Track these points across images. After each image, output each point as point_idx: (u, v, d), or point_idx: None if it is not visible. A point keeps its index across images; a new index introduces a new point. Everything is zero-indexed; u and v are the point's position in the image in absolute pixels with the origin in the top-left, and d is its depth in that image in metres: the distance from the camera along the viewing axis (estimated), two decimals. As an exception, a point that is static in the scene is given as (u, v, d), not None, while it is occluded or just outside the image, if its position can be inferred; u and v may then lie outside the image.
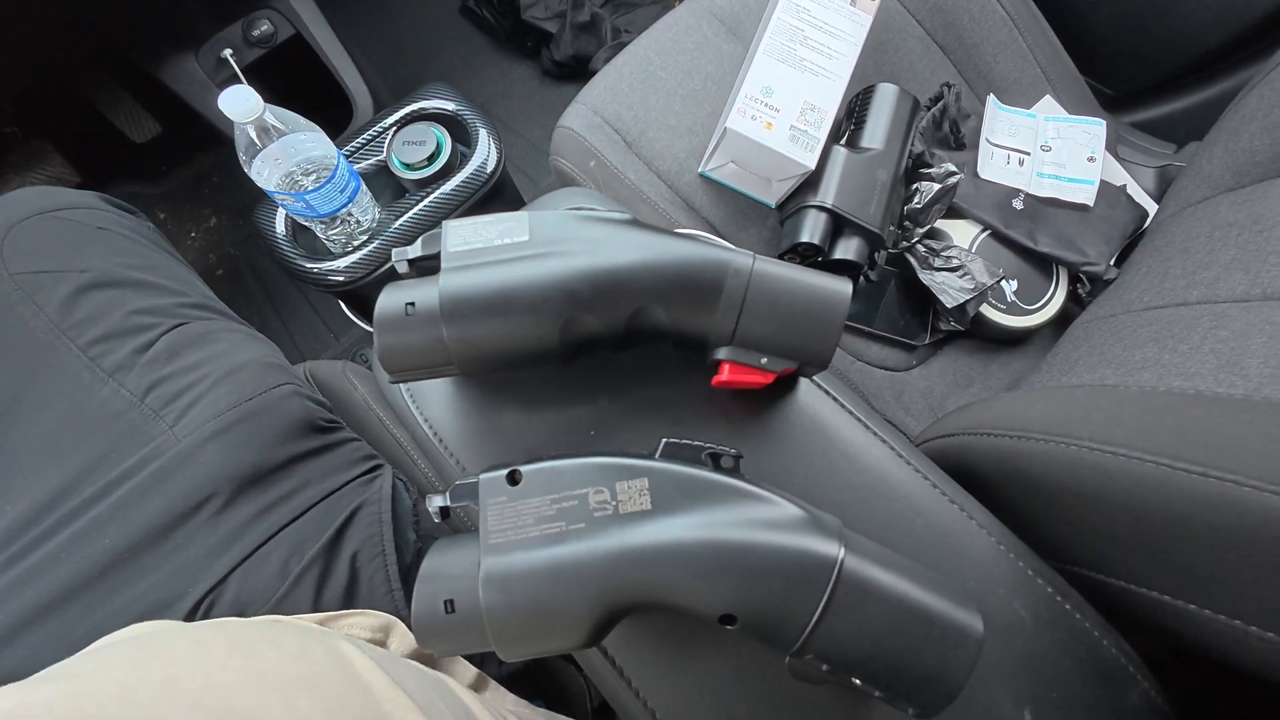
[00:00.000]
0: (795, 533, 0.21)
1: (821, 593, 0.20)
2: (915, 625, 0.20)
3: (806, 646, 0.20)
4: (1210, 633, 0.25)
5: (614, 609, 0.21)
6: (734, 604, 0.21)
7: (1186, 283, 0.48)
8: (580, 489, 0.22)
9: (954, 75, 0.65)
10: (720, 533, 0.21)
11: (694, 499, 0.21)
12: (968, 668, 0.20)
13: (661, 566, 0.20)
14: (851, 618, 0.20)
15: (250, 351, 0.44)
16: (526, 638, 0.21)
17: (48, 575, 0.34)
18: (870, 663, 0.20)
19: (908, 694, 0.21)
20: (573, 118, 0.59)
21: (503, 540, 0.21)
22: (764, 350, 0.27)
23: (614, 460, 0.22)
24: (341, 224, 0.58)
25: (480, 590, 0.21)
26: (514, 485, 0.22)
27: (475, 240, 0.27)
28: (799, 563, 0.20)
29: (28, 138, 0.89)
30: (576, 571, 0.21)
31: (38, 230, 0.43)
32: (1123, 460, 0.25)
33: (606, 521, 0.21)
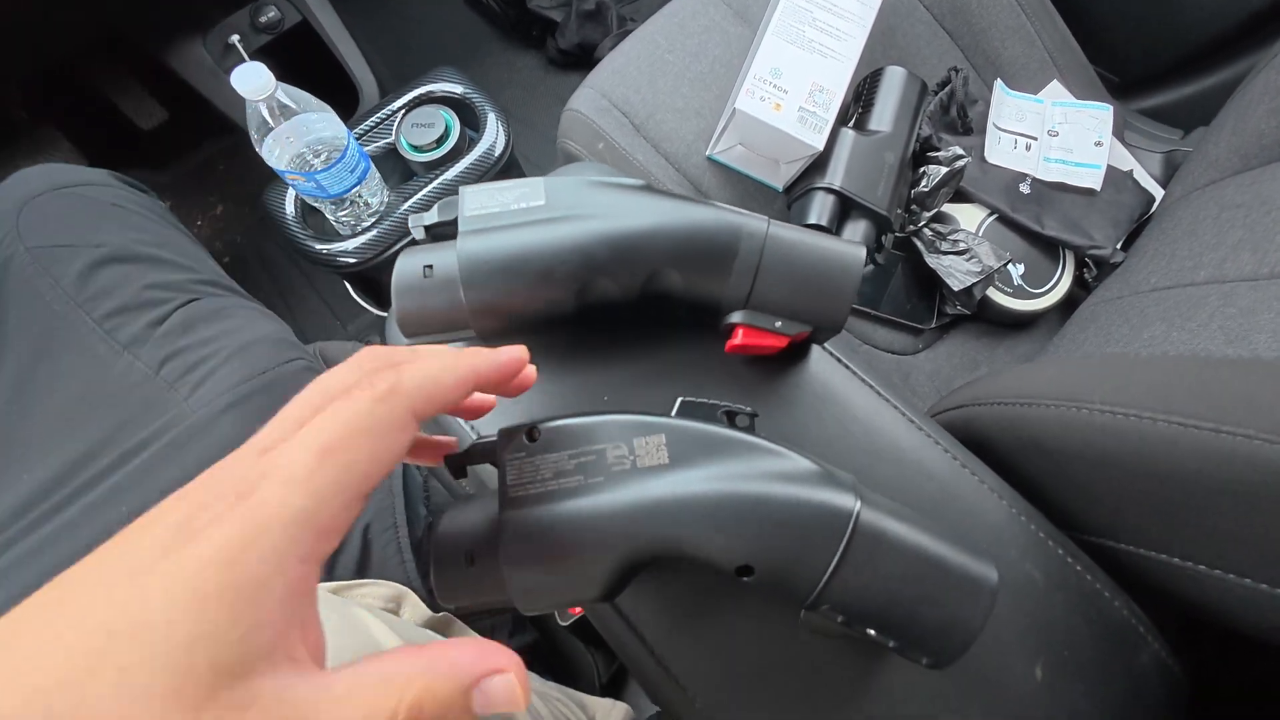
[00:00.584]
0: (812, 485, 0.21)
1: (838, 543, 0.20)
2: (931, 575, 0.20)
3: (822, 597, 0.21)
4: (1219, 593, 0.25)
5: (632, 560, 0.21)
6: (751, 555, 0.21)
7: (1194, 264, 0.48)
8: (598, 445, 0.22)
9: (961, 60, 0.65)
10: (738, 485, 0.21)
11: (711, 454, 0.22)
12: (983, 617, 0.20)
13: (680, 518, 0.21)
14: (867, 568, 0.20)
15: (263, 327, 0.44)
16: (545, 590, 0.21)
17: (67, 540, 0.35)
18: (886, 613, 0.21)
19: (922, 644, 0.21)
20: (581, 100, 0.59)
21: (521, 494, 0.22)
22: (778, 314, 0.27)
23: (632, 417, 0.23)
24: (351, 205, 0.59)
25: (501, 542, 0.21)
26: (532, 441, 0.23)
27: (492, 205, 0.28)
28: (816, 514, 0.21)
29: (36, 123, 0.89)
30: (595, 523, 0.21)
31: (53, 205, 0.43)
32: (1134, 421, 0.25)
33: (625, 475, 0.21)
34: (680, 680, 0.25)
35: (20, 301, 0.40)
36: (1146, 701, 0.26)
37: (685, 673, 0.25)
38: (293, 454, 0.15)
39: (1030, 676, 0.25)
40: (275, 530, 0.14)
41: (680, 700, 0.25)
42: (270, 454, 0.15)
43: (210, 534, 0.13)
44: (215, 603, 0.13)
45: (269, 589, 0.13)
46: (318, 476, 0.15)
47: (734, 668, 0.25)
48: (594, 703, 0.42)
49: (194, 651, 0.13)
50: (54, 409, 0.39)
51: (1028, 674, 0.25)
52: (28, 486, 0.37)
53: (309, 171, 0.53)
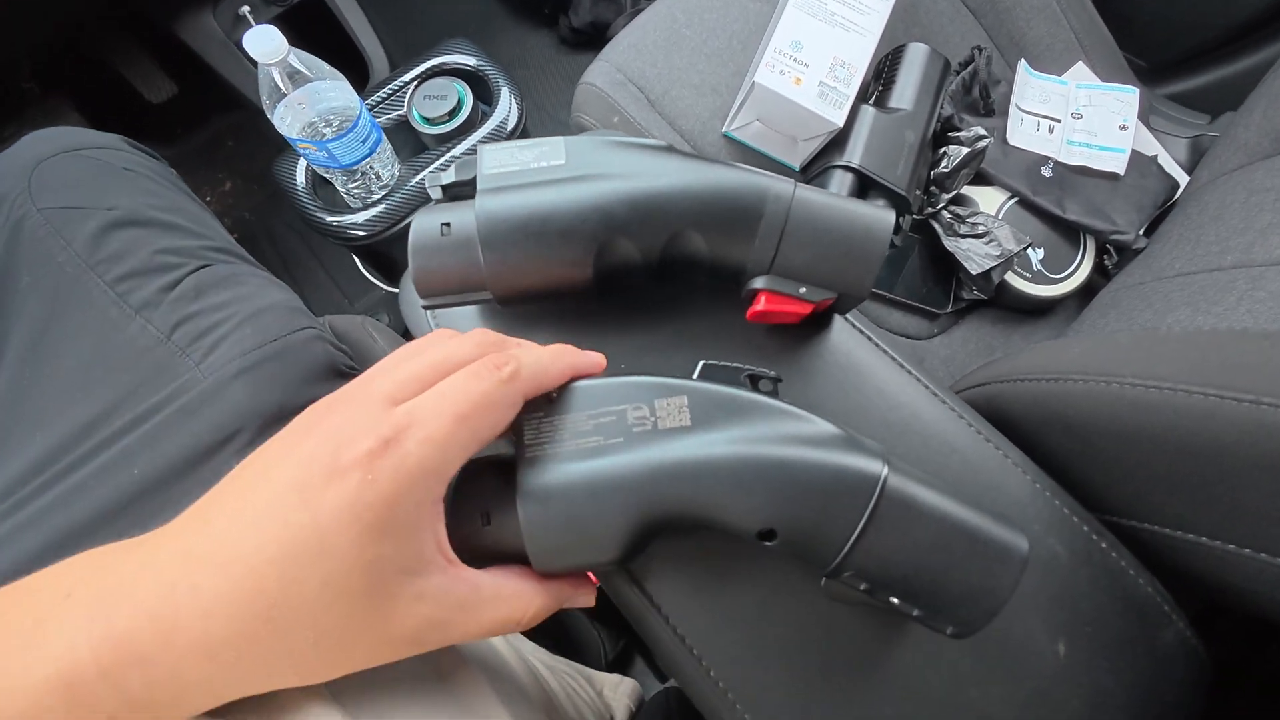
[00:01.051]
0: (838, 450, 0.21)
1: (864, 508, 0.20)
2: (958, 541, 0.20)
3: (846, 563, 0.20)
4: (1249, 573, 0.25)
5: (651, 523, 0.21)
6: (774, 518, 0.20)
7: (1221, 248, 0.47)
8: (618, 405, 0.22)
9: (984, 39, 0.63)
10: (761, 448, 0.20)
11: (734, 416, 0.21)
12: (1011, 584, 0.20)
13: (701, 480, 0.20)
14: (893, 533, 0.20)
15: (274, 295, 0.44)
16: (562, 550, 0.21)
17: (79, 502, 0.35)
18: (911, 579, 0.20)
19: (947, 612, 0.20)
20: (596, 74, 0.59)
21: (539, 454, 0.21)
22: (803, 279, 0.26)
23: (653, 379, 0.22)
24: (361, 177, 0.58)
25: (518, 501, 0.20)
26: (551, 402, 0.22)
27: (511, 164, 0.27)
28: (841, 477, 0.20)
29: (45, 94, 0.89)
30: (614, 484, 0.20)
31: (65, 166, 0.43)
32: (1168, 394, 0.24)
33: (645, 436, 0.21)
34: (695, 650, 0.25)
35: (33, 262, 0.40)
36: (1170, 679, 0.26)
37: (700, 643, 0.25)
38: (432, 417, 0.17)
39: (1053, 652, 0.25)
40: (421, 482, 0.17)
41: (694, 669, 0.25)
42: (404, 407, 0.18)
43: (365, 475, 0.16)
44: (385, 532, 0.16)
45: (420, 522, 0.17)
46: (453, 440, 0.18)
47: (750, 640, 0.25)
48: (601, 677, 0.42)
49: (380, 564, 0.16)
50: (67, 370, 0.38)
51: (1050, 650, 0.25)
52: (41, 447, 0.37)
53: (320, 140, 0.52)
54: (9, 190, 0.41)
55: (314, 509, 0.16)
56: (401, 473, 0.16)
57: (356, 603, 0.16)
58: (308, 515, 0.16)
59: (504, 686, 0.27)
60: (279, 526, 0.16)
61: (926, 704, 0.24)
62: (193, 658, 0.15)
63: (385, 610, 0.17)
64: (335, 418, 0.17)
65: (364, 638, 0.17)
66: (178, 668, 0.15)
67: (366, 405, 0.17)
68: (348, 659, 0.17)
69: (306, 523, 0.16)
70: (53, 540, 0.34)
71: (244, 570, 0.16)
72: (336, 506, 0.16)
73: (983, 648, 0.25)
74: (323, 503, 0.16)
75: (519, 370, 0.19)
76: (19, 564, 0.33)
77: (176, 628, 0.15)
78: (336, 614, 0.16)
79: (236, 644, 0.16)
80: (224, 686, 0.16)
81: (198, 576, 0.16)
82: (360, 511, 0.16)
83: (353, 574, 0.16)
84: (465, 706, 0.23)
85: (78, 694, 0.15)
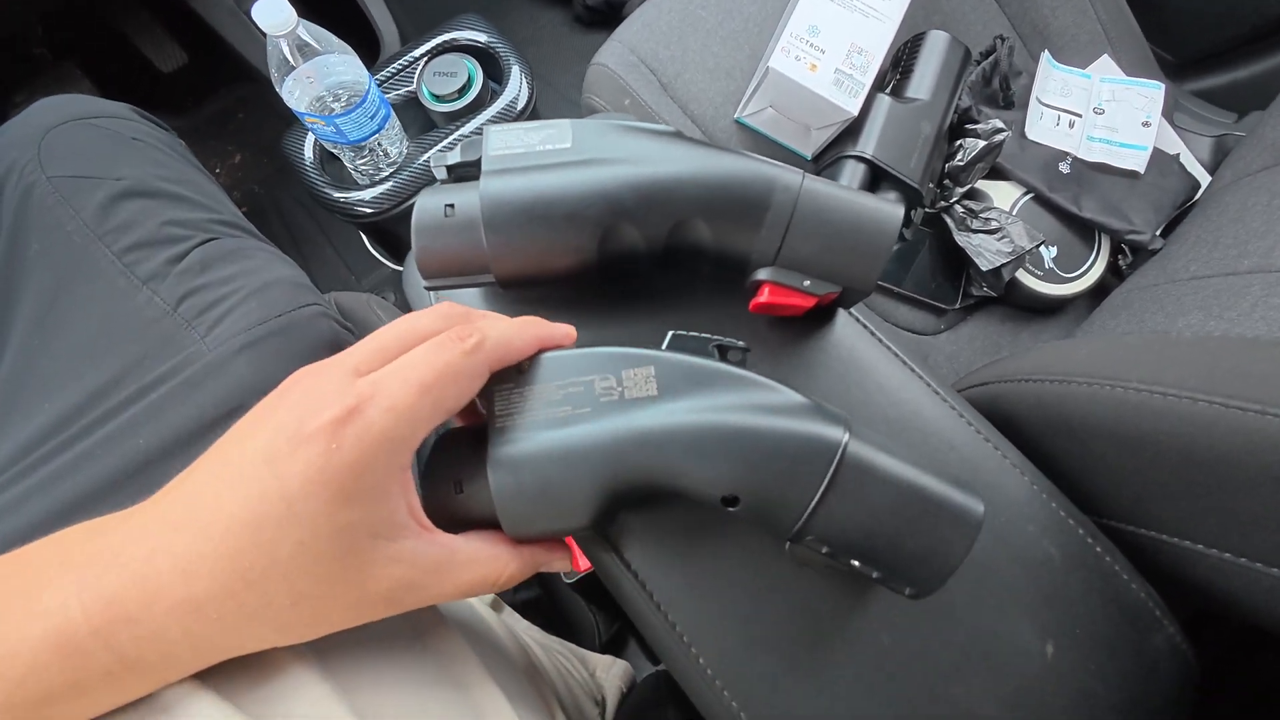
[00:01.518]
0: (801, 417, 0.21)
1: (824, 473, 0.20)
2: (915, 505, 0.20)
3: (808, 528, 0.21)
4: (1244, 583, 0.25)
5: (618, 490, 0.21)
6: (736, 484, 0.21)
7: (1238, 252, 0.46)
8: (587, 376, 0.22)
9: (1007, 29, 0.62)
10: (725, 416, 0.21)
11: (700, 386, 0.21)
12: (965, 546, 0.20)
13: (665, 448, 0.21)
14: (852, 498, 0.20)
15: (280, 270, 0.44)
16: (532, 517, 0.21)
17: (85, 470, 0.35)
18: (869, 542, 0.20)
19: (905, 573, 0.21)
20: (608, 55, 0.58)
21: (509, 424, 0.21)
22: (807, 272, 0.26)
23: (620, 350, 0.22)
24: (370, 154, 0.58)
25: (489, 469, 0.21)
26: (521, 373, 0.22)
27: (517, 145, 0.27)
28: (803, 444, 0.20)
29: (56, 60, 0.89)
30: (582, 453, 0.21)
31: (74, 135, 0.43)
32: (1172, 400, 0.24)
33: (612, 406, 0.21)
34: (669, 616, 0.25)
35: (42, 230, 0.40)
36: (1157, 683, 0.26)
37: (682, 619, 0.25)
38: (395, 386, 0.18)
39: (1041, 652, 0.25)
40: (385, 449, 0.17)
41: (669, 634, 0.25)
42: (369, 378, 0.18)
43: (329, 443, 0.17)
44: (353, 498, 0.17)
45: (388, 489, 0.18)
46: (416, 409, 0.18)
47: (735, 626, 0.25)
48: (594, 658, 0.43)
49: (351, 528, 0.17)
50: (75, 339, 0.39)
51: (1038, 650, 0.25)
52: (49, 414, 0.37)
53: (329, 115, 0.52)
54: (19, 157, 0.41)
55: (282, 476, 0.16)
56: (365, 440, 0.17)
57: (331, 565, 0.17)
58: (276, 482, 0.16)
59: (488, 653, 0.27)
60: (250, 492, 0.16)
61: (911, 698, 0.24)
62: (176, 617, 0.16)
63: (360, 572, 0.17)
64: (304, 388, 0.18)
65: (340, 599, 0.18)
66: (163, 626, 0.16)
67: (333, 376, 0.18)
68: (326, 619, 0.18)
69: (275, 489, 0.16)
70: (58, 508, 0.34)
71: (220, 533, 0.16)
72: (303, 473, 0.16)
73: (970, 645, 0.25)
74: (290, 469, 0.16)
75: (483, 341, 0.20)
76: (25, 530, 0.34)
77: (160, 588, 0.16)
78: (312, 576, 0.17)
79: (217, 603, 0.16)
80: (209, 646, 0.17)
81: (178, 540, 0.16)
82: (327, 478, 0.16)
83: (324, 538, 0.17)
84: (445, 668, 0.24)
85: (72, 653, 0.16)
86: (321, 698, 0.20)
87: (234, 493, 0.16)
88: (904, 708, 0.24)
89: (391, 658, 0.23)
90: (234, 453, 0.17)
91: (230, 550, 0.16)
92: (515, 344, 0.21)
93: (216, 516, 0.16)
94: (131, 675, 0.17)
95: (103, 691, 0.17)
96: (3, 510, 0.34)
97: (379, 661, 0.22)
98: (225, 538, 0.16)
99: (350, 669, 0.21)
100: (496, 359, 0.21)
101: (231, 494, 0.16)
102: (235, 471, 0.17)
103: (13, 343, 0.40)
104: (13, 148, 0.42)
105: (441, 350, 0.19)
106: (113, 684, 0.17)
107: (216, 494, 0.17)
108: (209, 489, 0.17)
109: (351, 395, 0.17)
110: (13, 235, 0.41)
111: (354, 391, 0.17)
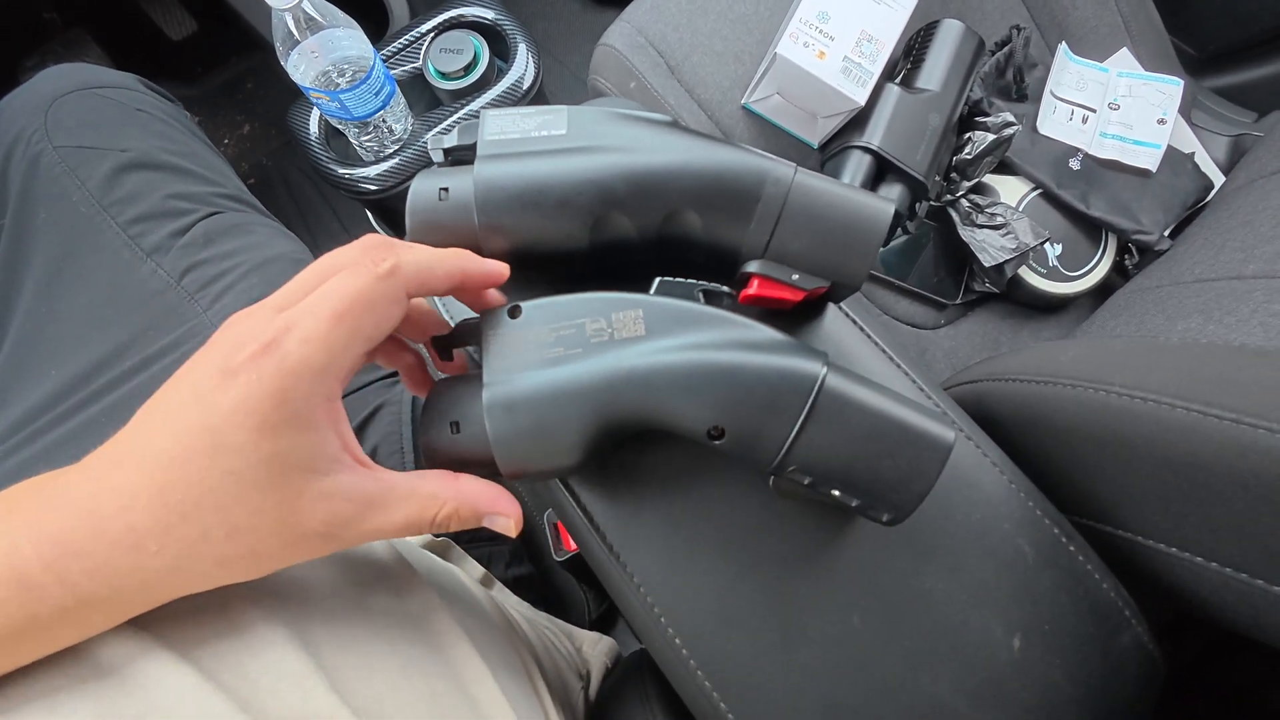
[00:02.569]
0: (782, 353, 0.22)
1: (804, 404, 0.21)
2: (890, 433, 0.21)
3: (790, 458, 0.21)
4: (1214, 587, 0.25)
5: (609, 427, 0.22)
6: (721, 416, 0.21)
7: (1244, 256, 0.46)
8: (578, 319, 0.23)
9: (1025, 18, 0.60)
10: (710, 353, 0.22)
11: (686, 325, 0.22)
12: (937, 469, 0.21)
13: (654, 383, 0.21)
14: (832, 427, 0.21)
15: (282, 245, 0.44)
16: (526, 455, 0.22)
17: (91, 437, 0.36)
18: (848, 470, 0.21)
19: (882, 498, 0.22)
20: (616, 35, 0.57)
21: (503, 365, 0.22)
22: (797, 266, 0.26)
23: (611, 294, 0.23)
24: (374, 130, 0.58)
25: (484, 409, 0.22)
26: (514, 319, 0.23)
27: (512, 131, 0.27)
28: (784, 377, 0.21)
29: (66, 26, 0.88)
30: (574, 391, 0.22)
31: (80, 105, 0.43)
32: (1153, 406, 0.24)
33: (603, 346, 0.22)
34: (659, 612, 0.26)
35: (49, 200, 0.41)
36: (1122, 681, 0.26)
37: (659, 601, 0.26)
38: (309, 317, 0.18)
39: (1008, 646, 0.26)
40: (305, 379, 0.18)
41: (657, 631, 0.26)
42: (287, 312, 0.18)
43: (250, 375, 0.17)
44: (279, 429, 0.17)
45: (314, 419, 0.18)
46: (331, 337, 0.18)
47: (710, 605, 0.26)
48: (581, 634, 0.44)
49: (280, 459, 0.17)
50: (81, 308, 0.40)
51: (1006, 643, 0.25)
52: (55, 382, 0.38)
53: (333, 91, 0.52)
54: (26, 125, 0.42)
55: (208, 409, 0.17)
56: (284, 370, 0.17)
57: (262, 496, 0.17)
58: (203, 416, 0.17)
59: (469, 620, 0.28)
60: (179, 427, 0.17)
61: (880, 683, 0.25)
62: (121, 549, 0.17)
63: (292, 505, 0.18)
64: (231, 329, 0.18)
65: (276, 532, 0.18)
66: (109, 558, 0.17)
67: (257, 315, 0.18)
68: (266, 554, 0.18)
69: (201, 422, 0.17)
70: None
71: (155, 467, 0.17)
72: (229, 406, 0.17)
73: (938, 636, 0.25)
74: (216, 402, 0.17)
75: (397, 266, 0.20)
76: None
77: (104, 520, 0.17)
78: (244, 507, 0.17)
79: (156, 537, 0.17)
80: (157, 581, 0.18)
81: (117, 476, 0.17)
82: (251, 409, 0.17)
83: (252, 467, 0.17)
84: (421, 628, 0.25)
85: (27, 586, 0.16)
86: (286, 655, 0.20)
87: (166, 428, 0.17)
88: (872, 691, 0.25)
89: (366, 620, 0.23)
90: (170, 392, 0.18)
91: (162, 483, 0.17)
92: (436, 271, 0.21)
93: (149, 451, 0.17)
94: (86, 610, 0.17)
95: (61, 626, 0.17)
96: (6, 476, 0.35)
97: (352, 621, 0.23)
98: (156, 471, 0.17)
99: (322, 628, 0.22)
100: (416, 285, 0.20)
101: (164, 430, 0.17)
102: (168, 409, 0.18)
103: (21, 308, 0.41)
104: (20, 116, 0.42)
105: (354, 277, 0.19)
106: (69, 619, 0.17)
107: (151, 430, 0.18)
108: (146, 427, 0.18)
109: (270, 330, 0.18)
110: (20, 203, 0.42)
111: (273, 326, 0.18)
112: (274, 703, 0.19)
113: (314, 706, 0.20)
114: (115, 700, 0.18)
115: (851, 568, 0.26)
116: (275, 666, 0.20)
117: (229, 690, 0.19)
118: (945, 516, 0.27)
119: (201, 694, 0.18)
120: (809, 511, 0.27)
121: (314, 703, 0.20)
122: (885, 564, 0.26)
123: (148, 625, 0.19)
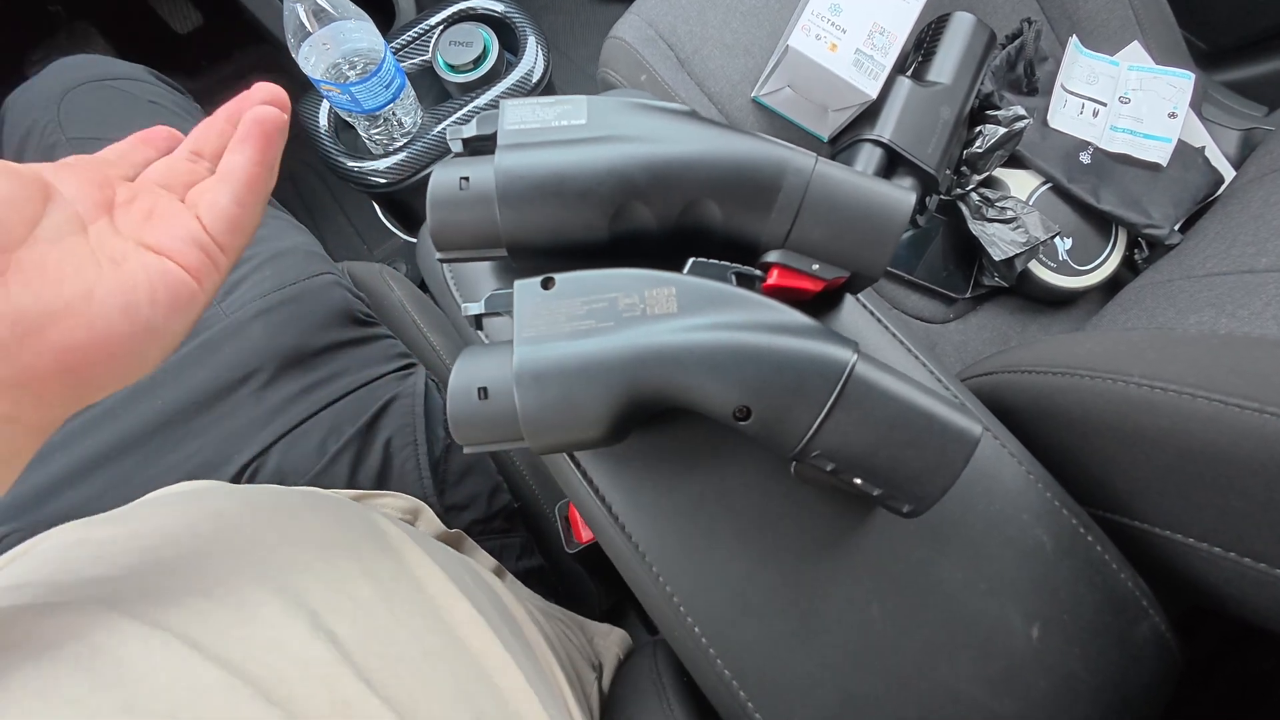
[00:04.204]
0: (813, 338, 0.22)
1: (832, 389, 0.21)
2: (917, 422, 0.21)
3: (814, 443, 0.21)
4: (1233, 578, 0.25)
5: (636, 402, 0.22)
6: (748, 397, 0.21)
7: (1256, 250, 0.46)
8: (611, 293, 0.23)
9: (1036, 11, 0.60)
10: (740, 334, 0.22)
11: (718, 305, 0.22)
12: (962, 462, 0.21)
13: (683, 361, 0.22)
14: (858, 414, 0.21)
15: (294, 238, 0.44)
16: (553, 426, 0.22)
17: (107, 427, 0.36)
18: (872, 458, 0.21)
19: (904, 488, 0.22)
20: (626, 28, 0.57)
21: (535, 334, 0.22)
22: (817, 256, 0.26)
23: (645, 271, 0.24)
24: (384, 123, 0.58)
25: (514, 377, 0.22)
26: (547, 290, 0.23)
27: (532, 120, 0.27)
28: (814, 361, 0.21)
29: (72, 18, 0.88)
30: (603, 363, 0.22)
31: (93, 97, 0.43)
32: (1173, 396, 0.24)
33: (634, 320, 0.22)
34: (678, 601, 0.26)
35: (62, 191, 0.41)
36: (1139, 671, 0.27)
37: (678, 590, 0.26)
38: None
39: (1026, 636, 0.26)
40: None
41: (676, 620, 0.26)
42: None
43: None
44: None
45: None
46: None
47: (729, 594, 0.26)
48: (593, 626, 0.44)
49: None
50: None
51: (1024, 633, 0.26)
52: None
53: (344, 83, 0.52)
54: (39, 117, 0.42)
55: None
56: None
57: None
58: None
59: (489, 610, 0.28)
60: None
61: (898, 672, 0.25)
62: None
63: None
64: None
65: None
66: None
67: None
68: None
69: None
70: (81, 462, 0.36)
71: None
72: None
73: (957, 625, 0.26)
74: None
75: None
76: (47, 485, 0.35)
77: None
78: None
79: None
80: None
81: None
82: None
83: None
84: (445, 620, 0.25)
85: None
86: (311, 645, 0.20)
87: None
88: (891, 680, 0.25)
89: (389, 610, 0.23)
90: None
91: None
92: None
93: None
94: None
95: None
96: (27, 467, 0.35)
97: (374, 611, 0.23)
98: None
99: (345, 620, 0.22)
100: None
101: None
102: None
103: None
104: (33, 108, 0.42)
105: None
106: None
107: None
108: None
109: None
110: (35, 195, 0.42)
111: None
112: (302, 691, 0.19)
113: (341, 695, 0.20)
114: (138, 693, 0.18)
115: (870, 557, 0.26)
116: (300, 656, 0.20)
117: (255, 683, 0.19)
118: (964, 507, 0.27)
119: (229, 689, 0.18)
120: (827, 501, 0.27)
121: (341, 692, 0.20)
122: (904, 554, 0.26)
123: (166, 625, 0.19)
